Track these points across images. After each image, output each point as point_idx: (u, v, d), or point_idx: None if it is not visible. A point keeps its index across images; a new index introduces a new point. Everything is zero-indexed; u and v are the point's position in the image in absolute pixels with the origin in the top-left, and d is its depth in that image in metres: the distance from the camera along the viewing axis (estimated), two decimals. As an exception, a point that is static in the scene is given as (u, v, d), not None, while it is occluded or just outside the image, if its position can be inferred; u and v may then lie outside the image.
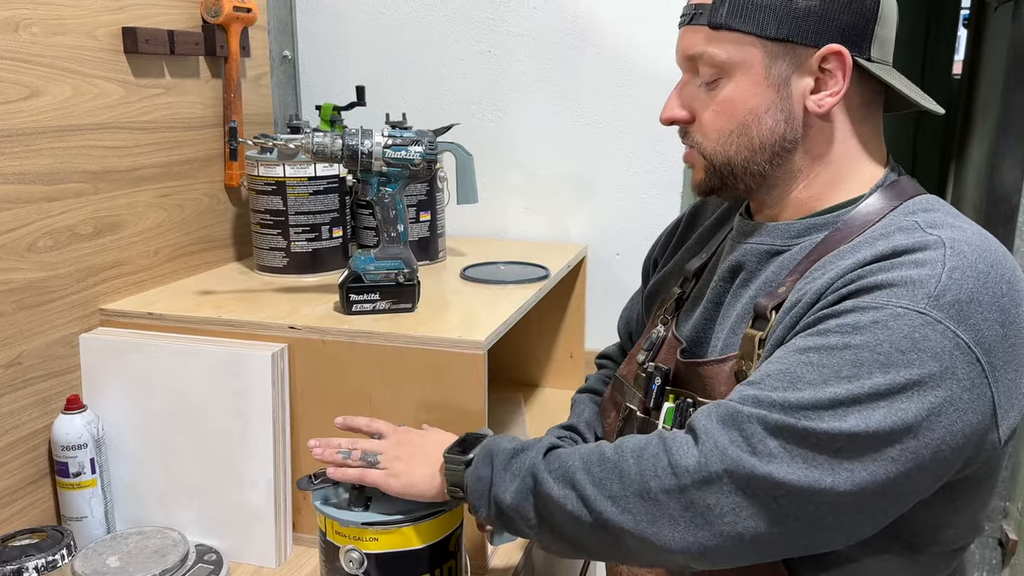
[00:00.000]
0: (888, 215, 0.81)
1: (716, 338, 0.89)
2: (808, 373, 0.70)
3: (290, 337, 1.16)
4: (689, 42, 0.85)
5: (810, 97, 0.82)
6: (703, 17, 0.83)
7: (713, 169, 0.87)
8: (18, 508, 1.14)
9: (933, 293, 0.69)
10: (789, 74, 0.82)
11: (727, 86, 0.83)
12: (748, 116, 0.83)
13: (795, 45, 0.81)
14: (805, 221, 0.86)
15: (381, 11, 1.74)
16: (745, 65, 0.82)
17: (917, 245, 0.73)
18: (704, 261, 1.00)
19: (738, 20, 0.81)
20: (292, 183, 1.38)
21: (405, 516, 0.89)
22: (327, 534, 0.91)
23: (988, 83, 2.48)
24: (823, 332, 0.72)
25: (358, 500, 0.90)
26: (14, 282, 1.11)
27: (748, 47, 0.81)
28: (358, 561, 0.89)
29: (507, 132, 1.74)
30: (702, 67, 0.84)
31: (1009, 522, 2.03)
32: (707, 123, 0.86)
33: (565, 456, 0.81)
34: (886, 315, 0.69)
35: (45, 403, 1.17)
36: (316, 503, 0.92)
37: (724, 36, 0.82)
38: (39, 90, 1.12)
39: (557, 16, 1.65)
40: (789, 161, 0.85)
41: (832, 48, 0.80)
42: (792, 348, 0.74)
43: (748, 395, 0.73)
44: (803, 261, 0.83)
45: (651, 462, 0.74)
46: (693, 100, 0.87)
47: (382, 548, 0.89)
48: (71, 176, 1.19)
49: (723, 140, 0.85)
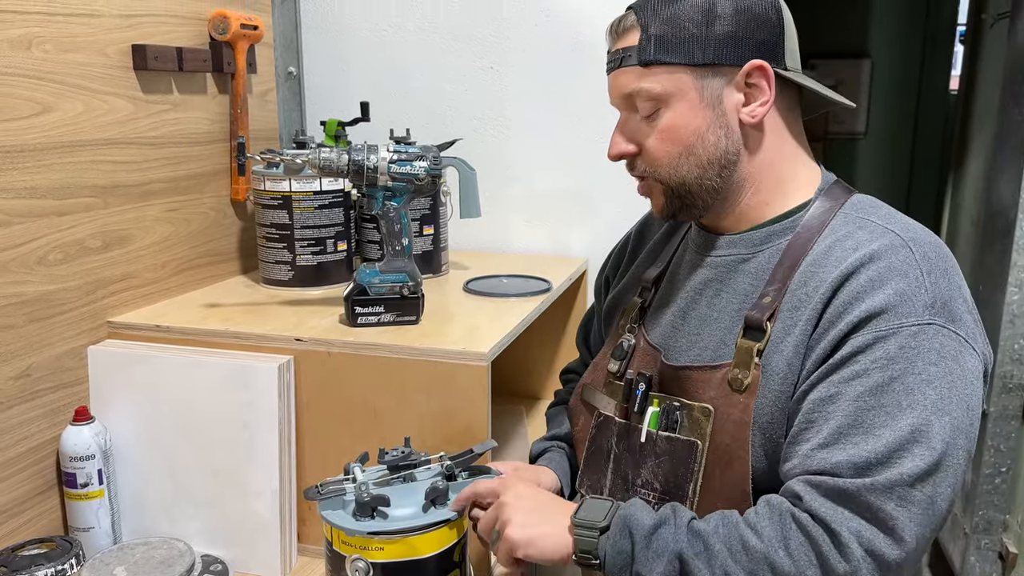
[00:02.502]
0: (838, 214, 0.91)
1: (695, 346, 0.94)
2: (876, 417, 0.78)
3: (296, 349, 1.18)
4: (623, 82, 0.92)
5: (743, 110, 0.91)
6: (632, 59, 0.91)
7: (671, 192, 0.94)
8: (27, 518, 1.15)
9: (928, 302, 0.80)
10: (720, 92, 0.90)
11: (666, 114, 0.91)
12: (692, 137, 0.91)
13: (721, 66, 0.89)
14: (764, 229, 0.94)
15: (384, 28, 1.77)
16: (680, 93, 0.90)
17: (886, 247, 0.83)
18: (661, 270, 1.05)
19: (666, 54, 0.89)
20: (298, 197, 1.40)
21: (411, 526, 0.91)
22: (333, 544, 0.92)
23: (984, 98, 2.51)
24: (863, 373, 0.79)
25: (365, 510, 0.91)
26: (24, 295, 1.12)
27: (679, 76, 0.89)
28: (364, 570, 0.90)
29: (509, 147, 1.76)
30: (640, 102, 0.91)
31: (1009, 535, 2.04)
32: (655, 151, 0.93)
33: (707, 537, 0.80)
34: (905, 337, 0.79)
35: (53, 414, 1.18)
36: (323, 513, 0.93)
37: (655, 71, 0.90)
38: (51, 106, 1.15)
39: (558, 32, 1.68)
40: (736, 171, 0.93)
41: (754, 63, 0.89)
42: (846, 398, 0.79)
43: (840, 461, 0.77)
44: (778, 269, 0.90)
45: (803, 560, 0.76)
46: (636, 133, 0.94)
47: (388, 557, 0.90)
48: (81, 191, 1.20)
49: (674, 163, 0.92)
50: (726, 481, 0.87)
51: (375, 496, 0.91)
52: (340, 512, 0.92)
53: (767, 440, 0.86)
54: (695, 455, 0.89)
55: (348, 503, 0.93)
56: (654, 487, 0.93)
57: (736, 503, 0.85)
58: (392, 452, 0.98)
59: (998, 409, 1.96)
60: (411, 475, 0.98)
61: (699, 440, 0.89)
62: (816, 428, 0.80)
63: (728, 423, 0.87)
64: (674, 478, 0.91)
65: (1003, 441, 1.97)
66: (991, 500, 2.01)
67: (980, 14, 2.64)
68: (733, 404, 0.87)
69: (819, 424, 0.80)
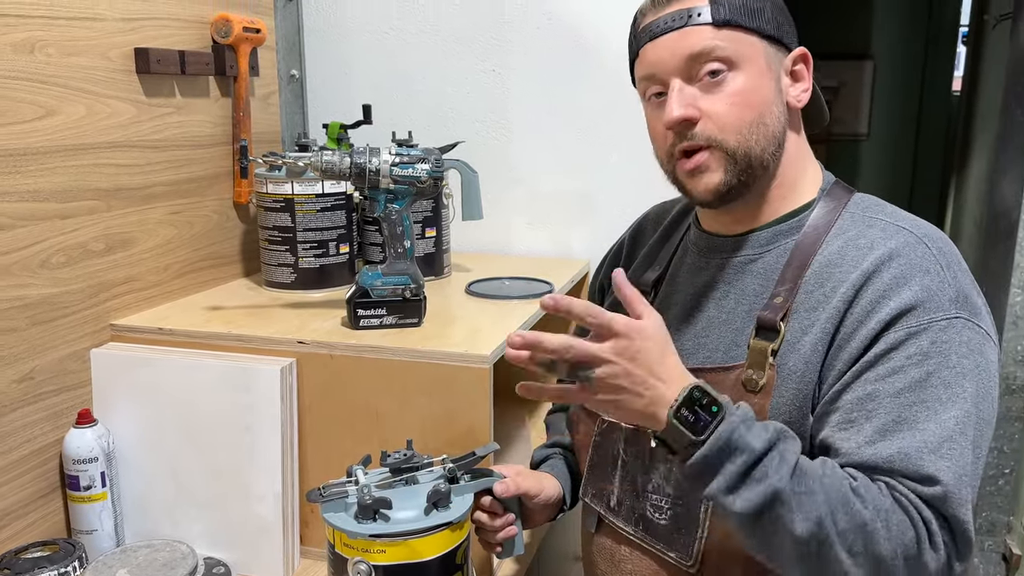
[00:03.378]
0: (843, 213, 0.91)
1: (704, 348, 0.93)
2: (919, 412, 0.78)
3: (298, 352, 1.18)
4: (692, 41, 0.87)
5: (790, 92, 0.92)
6: (702, 17, 0.87)
7: (735, 164, 0.88)
8: (30, 521, 1.16)
9: (953, 297, 0.81)
10: (778, 69, 0.90)
11: (736, 79, 0.87)
12: (763, 106, 0.88)
13: (780, 45, 0.90)
14: (770, 230, 0.93)
15: (386, 31, 1.77)
16: (752, 58, 0.88)
17: (903, 245, 0.84)
18: (660, 273, 1.04)
19: (742, 17, 0.87)
20: (300, 200, 1.40)
21: (412, 529, 0.91)
22: (335, 546, 0.92)
23: (987, 99, 2.50)
24: (900, 370, 0.79)
25: (367, 512, 0.91)
26: (28, 298, 1.13)
27: (752, 40, 0.88)
28: (366, 573, 0.90)
29: (511, 149, 1.76)
30: (708, 63, 0.87)
31: (1013, 537, 2.03)
32: (726, 115, 0.87)
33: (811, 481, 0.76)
34: (936, 332, 0.80)
35: (56, 417, 1.19)
36: (325, 515, 0.93)
37: (727, 33, 0.87)
38: (54, 110, 1.15)
39: (559, 35, 1.68)
40: (781, 155, 0.92)
41: (802, 50, 0.91)
42: (885, 395, 0.79)
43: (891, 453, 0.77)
44: (787, 269, 0.89)
45: (898, 539, 0.75)
46: (697, 99, 0.88)
47: (390, 560, 0.90)
48: (84, 194, 1.21)
49: (745, 131, 0.88)
50: None
51: (377, 498, 0.91)
52: (342, 514, 0.93)
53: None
54: None
55: (350, 505, 0.93)
56: (666, 492, 0.92)
57: None
58: (394, 455, 0.99)
59: (1001, 411, 1.96)
60: (413, 478, 0.98)
61: None
62: (858, 427, 0.79)
63: None
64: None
65: (1006, 443, 1.97)
66: (995, 502, 2.00)
67: (982, 15, 2.64)
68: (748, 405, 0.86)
69: (860, 423, 0.79)
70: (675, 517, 0.91)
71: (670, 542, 0.92)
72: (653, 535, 0.93)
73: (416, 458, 0.99)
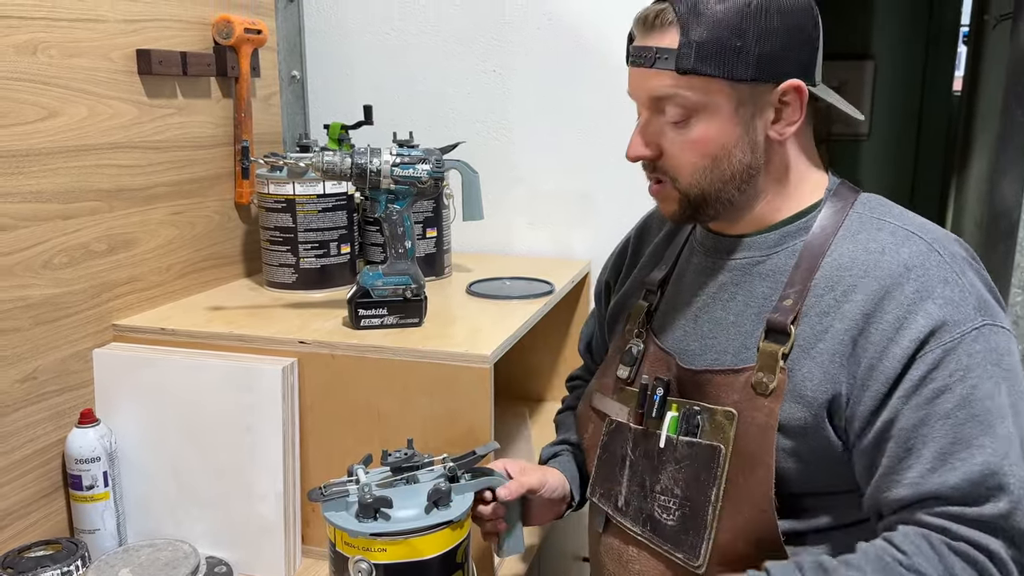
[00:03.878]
0: (851, 214, 0.90)
1: (713, 349, 0.93)
2: (973, 429, 0.78)
3: (300, 352, 1.18)
4: (654, 85, 0.88)
5: (772, 127, 0.89)
6: (668, 62, 0.86)
7: (688, 201, 0.92)
8: (33, 520, 1.16)
9: (975, 304, 0.82)
10: (753, 110, 0.87)
11: (697, 125, 0.88)
12: (719, 151, 0.88)
13: (759, 84, 0.86)
14: (777, 231, 0.93)
15: (387, 32, 1.78)
16: (714, 105, 0.86)
17: (916, 255, 0.84)
18: (665, 273, 1.04)
19: (706, 65, 0.84)
20: (301, 201, 1.41)
21: (413, 527, 0.91)
22: (336, 545, 0.93)
23: (987, 99, 2.51)
24: (945, 389, 0.79)
25: (368, 511, 0.92)
26: (30, 298, 1.13)
27: (717, 89, 0.86)
28: (367, 572, 0.90)
29: (511, 149, 1.76)
30: (671, 107, 0.88)
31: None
32: (679, 159, 0.90)
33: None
34: (969, 343, 0.80)
35: (59, 417, 1.19)
36: (326, 514, 0.93)
37: (692, 79, 0.85)
38: (56, 111, 1.15)
39: (560, 35, 1.68)
40: (754, 185, 0.91)
41: (792, 84, 0.86)
42: (937, 418, 0.79)
43: (957, 483, 0.77)
44: (796, 271, 0.89)
45: None
46: (659, 137, 0.91)
47: (391, 559, 0.90)
48: (86, 194, 1.21)
49: (697, 175, 0.90)
50: (750, 485, 0.86)
51: (378, 497, 0.91)
52: (343, 513, 0.93)
53: (798, 443, 0.85)
54: (718, 459, 0.88)
55: (351, 504, 0.93)
56: (674, 493, 0.92)
57: (760, 507, 0.85)
58: (395, 454, 0.99)
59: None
60: (414, 477, 0.98)
61: (722, 444, 0.88)
62: (916, 453, 0.79)
63: (752, 427, 0.86)
64: (696, 483, 0.90)
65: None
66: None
67: (983, 15, 2.64)
68: (758, 408, 0.86)
69: (919, 449, 0.79)
70: (683, 518, 0.91)
71: (677, 543, 0.91)
72: (660, 536, 0.93)
73: (417, 457, 0.99)
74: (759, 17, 0.83)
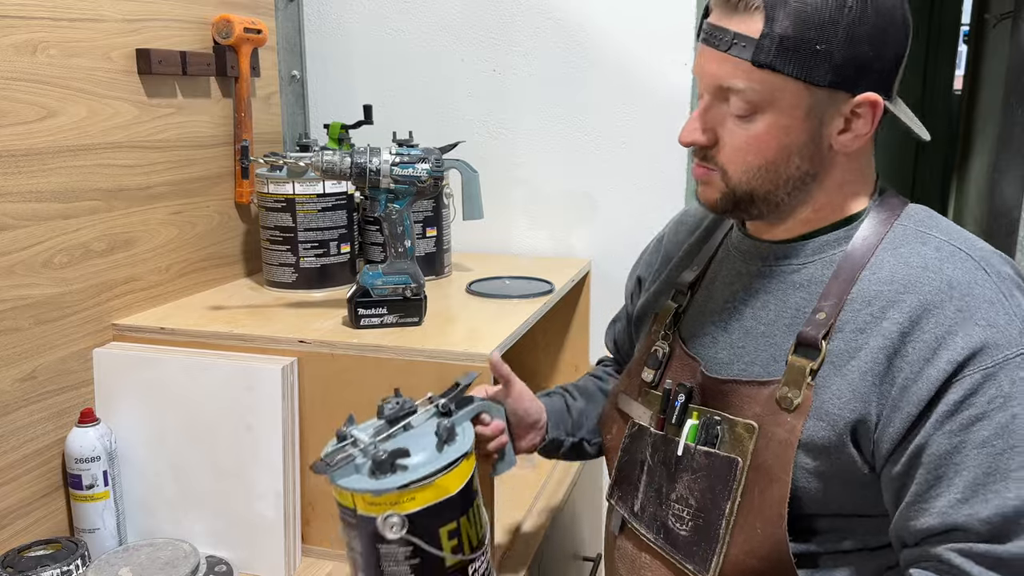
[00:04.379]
0: (896, 225, 0.86)
1: (741, 359, 0.90)
2: (1010, 460, 0.74)
3: (300, 351, 1.18)
4: (725, 72, 0.82)
5: (838, 138, 0.83)
6: (745, 51, 0.79)
7: (732, 196, 0.87)
8: (33, 519, 1.16)
9: (1021, 327, 0.77)
10: (823, 116, 0.82)
11: (761, 121, 0.82)
12: (779, 154, 0.83)
13: (835, 91, 0.81)
14: (817, 240, 0.89)
15: (387, 31, 1.78)
16: (783, 105, 0.81)
17: (962, 273, 0.79)
18: (697, 274, 1.00)
19: (785, 63, 0.79)
20: (301, 200, 1.41)
21: (438, 468, 0.88)
22: (357, 510, 0.88)
23: (988, 98, 2.51)
24: (983, 416, 0.75)
25: (384, 467, 0.87)
26: (30, 298, 1.13)
27: (790, 89, 0.80)
28: (400, 524, 0.86)
29: (512, 149, 1.76)
30: (736, 98, 0.82)
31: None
32: (734, 153, 0.85)
33: None
34: (1013, 369, 0.75)
35: (59, 416, 1.19)
36: (339, 482, 0.89)
37: (764, 76, 0.80)
38: (55, 111, 1.15)
39: (560, 35, 1.68)
40: (804, 192, 0.87)
41: (869, 97, 0.81)
42: (972, 445, 0.75)
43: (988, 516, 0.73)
44: (833, 283, 0.84)
45: None
46: (718, 125, 0.85)
47: (420, 505, 0.87)
48: (86, 194, 1.21)
49: (750, 172, 0.85)
50: (765, 501, 0.83)
51: (393, 451, 0.88)
52: (355, 476, 0.89)
53: (820, 462, 0.82)
54: (735, 472, 0.85)
55: (360, 466, 0.89)
56: (689, 503, 0.90)
57: (773, 524, 0.82)
58: (389, 405, 0.96)
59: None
60: (408, 424, 0.95)
61: (740, 457, 0.85)
62: (947, 481, 0.75)
63: (773, 442, 0.83)
64: (711, 495, 0.87)
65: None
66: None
67: (983, 15, 2.64)
68: (780, 423, 0.83)
69: (950, 477, 0.75)
70: (696, 529, 0.89)
71: (689, 554, 0.89)
72: (673, 544, 0.91)
73: (407, 404, 0.97)
74: (852, 20, 0.78)
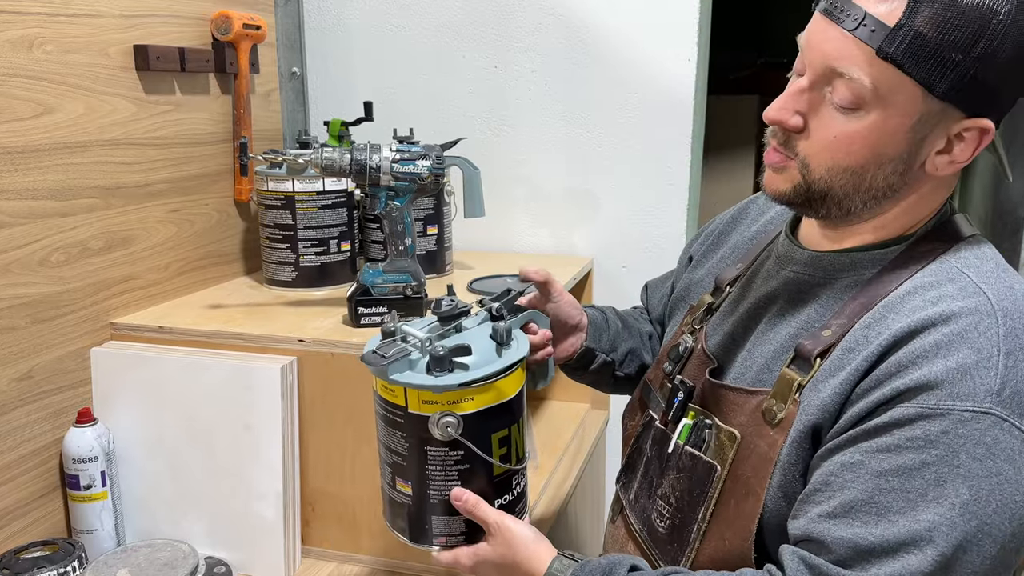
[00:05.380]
0: (938, 258, 0.78)
1: (743, 364, 0.88)
2: (895, 501, 0.69)
3: (299, 350, 1.17)
4: (843, 54, 0.73)
5: (935, 158, 0.77)
6: (874, 36, 0.71)
7: (806, 191, 0.80)
8: (30, 520, 1.15)
9: (993, 387, 0.69)
10: (929, 132, 0.75)
11: (865, 119, 0.74)
12: (871, 160, 0.76)
13: (952, 108, 0.73)
14: (851, 255, 0.83)
15: (387, 28, 1.76)
16: (895, 108, 0.73)
17: (968, 310, 0.72)
18: (739, 273, 0.98)
19: (911, 62, 0.70)
20: (301, 198, 1.39)
21: (498, 369, 0.86)
22: (409, 407, 0.85)
23: (992, 95, 2.49)
24: (894, 448, 0.70)
25: (443, 364, 0.84)
26: (27, 296, 1.12)
27: (907, 92, 0.72)
28: (454, 425, 0.84)
29: (513, 146, 1.75)
30: (844, 87, 0.74)
31: None
32: (822, 146, 0.77)
33: None
34: (953, 422, 0.68)
35: (56, 416, 1.18)
36: (394, 376, 0.85)
37: (887, 69, 0.71)
38: (52, 107, 1.14)
39: (562, 32, 1.67)
40: (878, 206, 0.80)
41: (982, 123, 0.74)
42: (868, 470, 0.71)
43: (843, 537, 0.70)
44: (849, 303, 0.80)
45: None
46: (813, 111, 0.77)
47: (477, 407, 0.85)
48: (83, 192, 1.20)
49: (835, 172, 0.77)
50: (739, 514, 0.81)
51: (453, 348, 0.85)
52: (409, 373, 0.86)
53: (786, 479, 0.79)
54: (711, 480, 0.84)
55: (415, 362, 0.86)
56: (670, 501, 0.90)
57: (741, 539, 0.81)
58: (443, 303, 0.93)
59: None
60: (459, 324, 0.93)
61: (719, 465, 0.84)
62: (829, 493, 0.73)
63: (753, 455, 0.81)
64: (689, 498, 0.87)
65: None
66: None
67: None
68: (762, 436, 0.80)
69: (833, 489, 0.73)
70: (672, 528, 0.89)
71: (664, 552, 0.90)
72: (652, 539, 0.93)
73: (460, 304, 0.95)
74: (994, 37, 0.69)
